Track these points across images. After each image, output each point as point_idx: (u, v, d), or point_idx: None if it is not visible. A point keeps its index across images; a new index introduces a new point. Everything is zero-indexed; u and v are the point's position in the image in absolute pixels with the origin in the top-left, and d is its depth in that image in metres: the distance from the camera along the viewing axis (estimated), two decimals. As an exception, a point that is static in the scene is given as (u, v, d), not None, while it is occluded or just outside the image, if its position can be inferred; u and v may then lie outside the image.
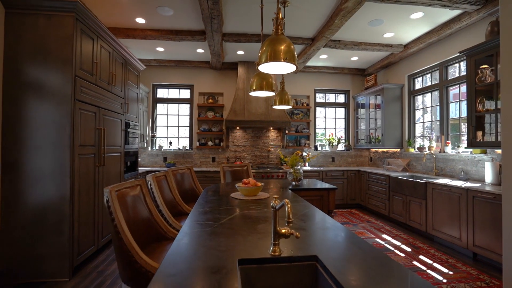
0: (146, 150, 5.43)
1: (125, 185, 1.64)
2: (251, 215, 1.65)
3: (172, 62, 5.37)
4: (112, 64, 3.28)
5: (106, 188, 1.39)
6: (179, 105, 5.80)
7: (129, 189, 1.67)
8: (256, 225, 1.44)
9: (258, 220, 1.54)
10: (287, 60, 1.51)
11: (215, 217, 1.61)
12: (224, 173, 3.62)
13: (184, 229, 1.35)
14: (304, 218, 1.61)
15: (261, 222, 1.50)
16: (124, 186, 1.62)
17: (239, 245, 1.15)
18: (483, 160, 3.38)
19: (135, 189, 1.73)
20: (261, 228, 1.39)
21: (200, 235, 1.27)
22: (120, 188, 1.56)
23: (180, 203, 2.46)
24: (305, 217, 1.65)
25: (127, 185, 1.66)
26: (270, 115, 5.32)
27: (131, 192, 1.67)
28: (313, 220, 1.58)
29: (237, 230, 1.35)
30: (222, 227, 1.40)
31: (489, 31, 3.08)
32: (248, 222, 1.50)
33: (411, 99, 4.90)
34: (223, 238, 1.23)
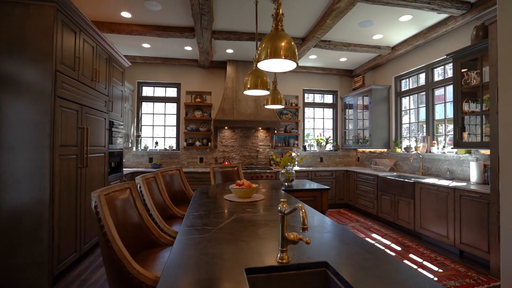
0: (131, 151, 5.22)
1: (114, 188, 1.52)
2: (249, 219, 1.58)
3: (158, 60, 5.19)
4: (95, 60, 3.09)
5: (94, 192, 1.27)
6: (166, 104, 5.62)
7: (118, 192, 1.55)
8: (257, 230, 1.37)
9: (258, 224, 1.47)
10: (288, 57, 1.45)
11: (212, 221, 1.52)
12: (214, 174, 3.52)
13: (182, 236, 1.26)
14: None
15: (261, 226, 1.44)
16: (112, 189, 1.50)
17: (242, 252, 1.08)
18: (468, 160, 3.49)
19: (125, 193, 1.61)
20: (263, 233, 1.32)
21: (199, 242, 1.18)
22: (108, 192, 1.44)
23: (171, 206, 2.35)
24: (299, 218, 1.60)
25: (116, 188, 1.54)
26: (259, 115, 5.27)
27: (120, 196, 1.55)
28: (314, 223, 1.53)
29: (238, 236, 1.27)
30: (222, 233, 1.32)
31: (474, 35, 3.18)
32: (248, 227, 1.43)
33: (398, 100, 5.01)
34: (225, 245, 1.15)
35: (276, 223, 1.50)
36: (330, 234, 1.34)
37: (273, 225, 1.46)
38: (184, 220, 1.54)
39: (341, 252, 1.09)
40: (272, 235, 1.29)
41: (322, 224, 1.50)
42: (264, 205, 1.96)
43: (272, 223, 1.50)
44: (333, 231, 1.38)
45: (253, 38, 4.19)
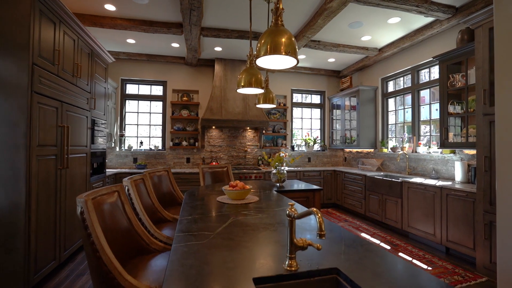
0: (114, 151, 4.99)
1: (101, 191, 1.40)
2: (247, 222, 1.51)
3: (143, 56, 5.00)
4: (77, 54, 2.90)
5: (80, 197, 1.15)
6: (151, 102, 5.42)
7: (106, 196, 1.43)
8: (257, 234, 1.31)
9: (257, 228, 1.41)
10: (289, 54, 1.39)
11: (208, 225, 1.44)
12: (203, 175, 3.42)
13: (178, 242, 1.17)
14: (304, 223, 1.51)
15: (261, 230, 1.37)
16: (99, 193, 1.38)
17: (247, 259, 1.01)
18: (453, 160, 3.59)
19: (112, 196, 1.50)
20: (264, 237, 1.26)
21: (198, 249, 1.10)
22: (95, 196, 1.32)
23: (160, 209, 2.23)
24: (301, 222, 1.55)
25: (103, 192, 1.42)
26: (248, 114, 5.20)
27: (108, 200, 1.44)
28: (313, 225, 1.48)
29: (239, 241, 1.20)
30: (221, 238, 1.24)
31: (459, 39, 3.28)
32: (247, 231, 1.36)
33: (384, 101, 5.11)
34: (226, 252, 1.07)
35: (277, 226, 1.44)
36: (333, 237, 1.30)
37: (273, 229, 1.39)
38: (178, 225, 1.44)
39: (349, 257, 1.04)
40: (274, 240, 1.23)
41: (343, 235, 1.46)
42: (260, 207, 1.90)
43: (271, 226, 1.44)
44: (335, 234, 1.34)
45: (243, 36, 4.12)
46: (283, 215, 1.68)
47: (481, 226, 2.59)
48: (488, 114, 2.55)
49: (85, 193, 1.24)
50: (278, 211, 1.80)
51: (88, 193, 1.25)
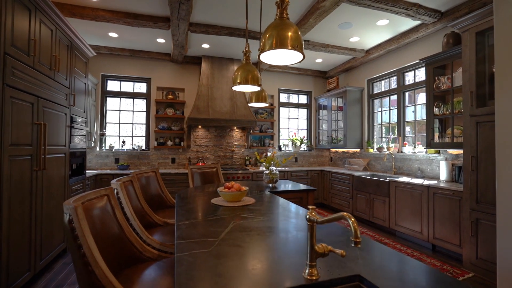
0: (94, 150, 4.70)
1: (89, 196, 1.26)
2: (250, 226, 1.43)
3: (126, 51, 4.75)
4: (55, 46, 2.67)
5: (68, 203, 1.01)
6: (134, 100, 5.17)
7: (95, 200, 1.29)
8: (264, 239, 1.23)
9: (262, 232, 1.33)
10: (297, 48, 1.33)
11: (210, 231, 1.34)
12: (192, 176, 3.28)
13: (181, 251, 1.06)
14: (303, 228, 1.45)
15: (267, 235, 1.29)
16: (87, 197, 1.24)
17: (261, 269, 0.92)
18: (437, 160, 3.71)
19: (102, 201, 1.35)
20: (273, 243, 1.18)
21: (205, 258, 1.00)
22: (84, 201, 1.18)
23: (150, 212, 2.09)
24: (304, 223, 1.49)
25: (92, 196, 1.28)
26: (235, 113, 5.10)
27: (97, 205, 1.30)
28: (324, 228, 1.43)
29: (247, 248, 1.12)
30: (226, 245, 1.15)
31: (445, 42, 3.39)
32: (253, 236, 1.27)
33: (370, 102, 5.21)
34: (237, 261, 0.98)
35: (282, 230, 1.37)
36: (345, 240, 1.25)
37: (279, 233, 1.32)
38: (176, 230, 1.33)
39: (369, 262, 0.99)
40: (284, 245, 1.15)
41: (335, 230, 1.41)
42: (258, 210, 1.82)
43: (276, 230, 1.37)
44: (346, 237, 1.29)
45: (233, 34, 4.02)
46: (285, 218, 1.61)
47: (468, 223, 2.68)
48: (475, 116, 2.64)
49: (72, 198, 1.10)
50: (279, 213, 1.74)
51: (76, 198, 1.12)
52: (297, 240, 1.22)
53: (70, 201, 1.04)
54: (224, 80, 5.21)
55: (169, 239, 1.80)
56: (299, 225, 1.46)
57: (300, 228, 1.41)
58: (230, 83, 5.25)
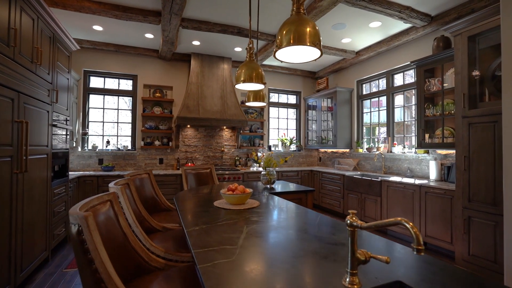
0: (76, 151, 4.40)
1: (92, 202, 1.14)
2: (265, 231, 1.36)
3: (111, 46, 4.49)
4: (37, 37, 2.45)
5: (76, 211, 0.89)
6: (119, 97, 4.91)
7: (99, 206, 1.17)
8: (286, 245, 1.16)
9: (280, 238, 1.26)
10: (317, 45, 1.28)
11: (225, 237, 1.26)
12: (186, 177, 3.15)
13: (203, 262, 0.97)
14: (331, 230, 1.41)
15: (287, 240, 1.23)
16: (91, 204, 1.12)
17: (299, 279, 0.86)
18: (426, 159, 3.83)
19: (105, 207, 1.23)
20: (296, 249, 1.12)
21: (232, 269, 0.92)
22: (87, 208, 1.06)
23: (147, 217, 1.95)
24: (326, 227, 1.45)
25: (95, 202, 1.16)
26: (226, 113, 4.99)
27: (101, 211, 1.17)
28: (344, 232, 1.39)
29: (271, 255, 1.05)
30: (249, 252, 1.07)
31: (435, 45, 3.49)
32: (272, 241, 1.21)
33: (360, 103, 5.30)
34: (268, 271, 0.91)
35: (302, 234, 1.31)
36: (372, 243, 1.21)
37: (300, 238, 1.27)
38: (189, 238, 1.23)
39: (406, 266, 0.96)
40: (310, 251, 1.10)
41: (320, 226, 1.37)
42: (266, 212, 1.75)
43: (294, 234, 1.31)
44: (371, 241, 1.26)
45: (226, 31, 3.92)
46: (298, 221, 1.56)
47: (460, 221, 2.77)
48: (467, 117, 2.74)
49: (77, 205, 0.98)
50: (289, 216, 1.68)
51: (80, 205, 0.99)
52: (319, 245, 1.17)
53: (77, 209, 0.91)
54: (214, 79, 5.09)
55: (172, 246, 1.69)
56: (315, 229, 1.41)
57: (318, 231, 1.36)
58: (221, 81, 5.14)
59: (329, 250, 1.11)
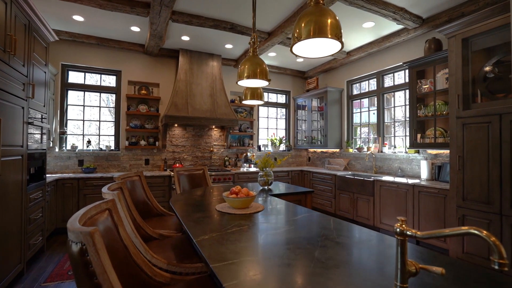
0: (53, 151, 4.06)
1: (90, 212, 0.97)
2: (282, 238, 1.25)
3: (92, 39, 4.19)
4: (10, 23, 2.18)
5: (77, 227, 0.74)
6: (101, 94, 4.60)
7: (97, 216, 1.00)
8: (310, 254, 1.06)
9: (302, 246, 1.16)
10: (340, 38, 1.19)
11: (241, 247, 1.13)
12: (178, 179, 2.97)
13: (228, 279, 0.85)
14: (345, 233, 1.33)
15: (310, 248, 1.13)
16: (89, 214, 0.95)
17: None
18: (417, 159, 3.90)
19: (103, 216, 1.06)
20: (324, 258, 1.02)
21: (260, 284, 0.81)
22: (86, 220, 0.90)
23: (143, 224, 1.78)
24: (349, 232, 1.37)
25: (93, 212, 0.99)
26: (216, 112, 4.83)
27: (99, 220, 1.01)
28: (360, 235, 1.31)
29: (301, 268, 0.94)
30: (274, 265, 0.96)
31: (427, 47, 3.55)
32: (296, 250, 1.10)
33: (350, 103, 5.33)
34: (302, 283, 0.81)
35: (323, 241, 1.22)
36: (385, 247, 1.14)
37: (323, 245, 1.17)
38: (202, 250, 1.10)
39: (448, 277, 0.89)
40: (341, 261, 1.00)
41: (371, 238, 1.30)
42: (274, 216, 1.65)
43: (315, 241, 1.22)
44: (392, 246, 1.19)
45: (218, 26, 3.76)
46: (312, 226, 1.46)
47: (454, 219, 2.81)
48: (461, 117, 2.79)
49: (74, 217, 0.82)
50: (298, 220, 1.58)
51: (78, 216, 0.83)
52: (354, 255, 1.08)
53: (77, 223, 0.76)
54: (203, 76, 4.91)
55: (173, 256, 1.54)
56: (343, 236, 1.32)
57: (347, 239, 1.28)
58: (210, 79, 4.97)
59: (359, 259, 1.02)
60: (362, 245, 1.18)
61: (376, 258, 1.05)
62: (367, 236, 1.32)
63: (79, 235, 0.70)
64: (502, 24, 2.51)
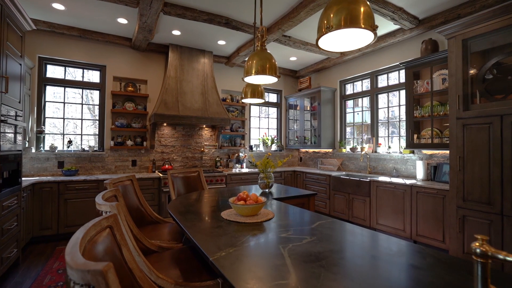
0: (29, 152, 3.70)
1: (90, 233, 0.79)
2: (306, 252, 1.12)
3: (74, 31, 3.86)
4: (-20, 6, 1.90)
5: (83, 263, 0.56)
6: (83, 90, 4.27)
7: (97, 238, 0.82)
8: (346, 272, 0.94)
9: (333, 261, 1.04)
10: (375, 29, 1.07)
11: (267, 266, 0.99)
12: (173, 183, 2.76)
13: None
14: (399, 248, 1.22)
15: (342, 264, 1.01)
16: (89, 235, 0.77)
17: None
18: (412, 159, 3.90)
19: (103, 235, 0.88)
20: (364, 276, 0.90)
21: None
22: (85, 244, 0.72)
23: (140, 236, 1.59)
24: (381, 242, 1.25)
25: (92, 233, 0.81)
26: (207, 111, 4.63)
27: (99, 243, 0.83)
28: (399, 248, 1.20)
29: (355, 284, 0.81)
30: (319, 285, 0.83)
31: (423, 48, 3.56)
32: (328, 267, 0.97)
33: (343, 103, 5.30)
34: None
35: (350, 255, 1.10)
36: (439, 264, 1.04)
37: (354, 260, 1.05)
38: (224, 272, 0.94)
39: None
40: (378, 278, 0.88)
41: (401, 249, 1.19)
42: (290, 225, 1.51)
43: (344, 254, 1.09)
44: (434, 259, 1.09)
45: (212, 21, 3.57)
46: (333, 235, 1.34)
47: (455, 220, 2.81)
48: (462, 118, 2.78)
49: (73, 242, 0.64)
50: (320, 228, 1.46)
51: (76, 243, 0.65)
52: (387, 268, 0.97)
53: (80, 256, 0.58)
54: (194, 73, 4.69)
55: (177, 273, 1.36)
56: (362, 245, 1.21)
57: (370, 250, 1.16)
58: (201, 76, 4.76)
59: (400, 276, 0.91)
60: (408, 259, 1.07)
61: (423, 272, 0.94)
62: (410, 248, 1.21)
63: (86, 275, 0.52)
64: (503, 26, 2.52)
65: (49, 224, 3.35)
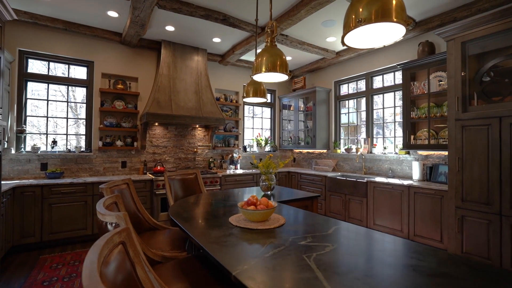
0: (8, 153, 3.43)
1: (103, 253, 0.67)
2: (333, 261, 1.04)
3: (59, 23, 3.61)
4: (-43, -9, 1.70)
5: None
6: (69, 87, 4.01)
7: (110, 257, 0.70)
8: (380, 284, 0.86)
9: (362, 272, 0.96)
10: (408, 22, 1.00)
11: (296, 279, 0.90)
12: (170, 186, 2.62)
13: None
14: (430, 255, 1.15)
15: (373, 275, 0.93)
16: (102, 256, 0.65)
17: None
18: (407, 160, 3.94)
19: (115, 252, 0.76)
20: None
21: None
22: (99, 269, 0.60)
23: (144, 246, 1.45)
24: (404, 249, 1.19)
25: (105, 252, 0.69)
26: (201, 110, 4.49)
27: (111, 263, 0.71)
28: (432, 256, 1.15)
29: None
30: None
31: (420, 50, 3.58)
32: (364, 279, 0.89)
33: (338, 103, 5.30)
34: None
35: (379, 264, 1.03)
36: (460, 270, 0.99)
37: (385, 270, 0.98)
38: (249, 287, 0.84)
39: None
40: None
41: (436, 256, 1.14)
42: (307, 231, 1.43)
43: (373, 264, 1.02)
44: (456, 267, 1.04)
45: (209, 17, 3.45)
46: (358, 242, 1.27)
47: (454, 220, 2.83)
48: (461, 120, 2.81)
49: (89, 269, 0.53)
50: (337, 234, 1.39)
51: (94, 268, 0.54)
52: (422, 280, 0.90)
53: (97, 283, 0.47)
54: (188, 71, 4.53)
55: (186, 287, 1.25)
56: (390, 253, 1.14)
57: (403, 258, 1.10)
58: (195, 74, 4.60)
59: None
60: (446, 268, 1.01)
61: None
62: (448, 256, 1.16)
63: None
64: (501, 30, 2.56)
65: (31, 231, 3.11)
